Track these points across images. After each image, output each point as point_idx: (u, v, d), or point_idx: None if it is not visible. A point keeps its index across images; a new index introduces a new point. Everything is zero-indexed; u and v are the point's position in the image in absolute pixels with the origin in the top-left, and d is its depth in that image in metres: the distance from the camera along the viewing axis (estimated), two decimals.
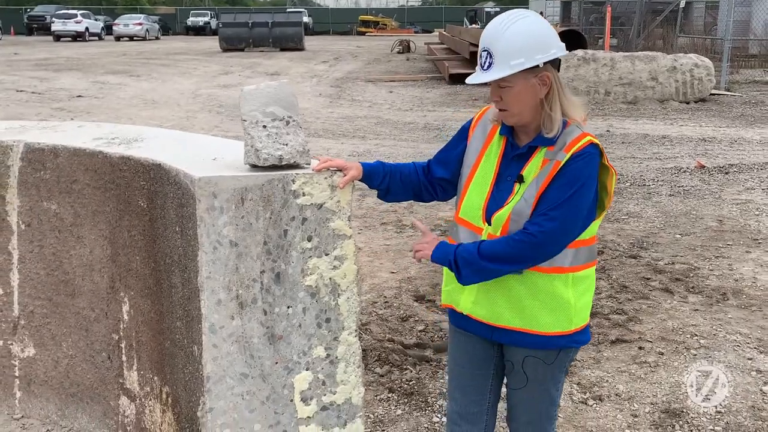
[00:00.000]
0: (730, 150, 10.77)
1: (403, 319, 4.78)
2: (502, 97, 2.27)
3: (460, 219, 2.45)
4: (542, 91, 2.26)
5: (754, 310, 4.95)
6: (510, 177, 2.34)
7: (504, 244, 2.27)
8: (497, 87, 2.27)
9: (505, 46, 2.22)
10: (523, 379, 2.45)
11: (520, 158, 2.34)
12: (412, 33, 53.87)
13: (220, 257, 2.38)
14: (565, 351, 2.42)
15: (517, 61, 2.21)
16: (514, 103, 2.27)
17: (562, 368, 2.47)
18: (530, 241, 2.23)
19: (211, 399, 2.45)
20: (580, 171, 2.24)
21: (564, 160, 2.24)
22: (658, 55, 16.21)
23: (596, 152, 2.26)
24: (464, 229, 2.43)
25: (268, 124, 2.42)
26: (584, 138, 2.26)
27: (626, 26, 29.92)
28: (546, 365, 2.42)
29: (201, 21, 56.46)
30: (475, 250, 2.29)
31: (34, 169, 3.23)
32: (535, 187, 2.27)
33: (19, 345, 3.46)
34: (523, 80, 2.24)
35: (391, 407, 3.69)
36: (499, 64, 2.23)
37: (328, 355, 2.54)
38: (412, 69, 24.57)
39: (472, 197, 2.41)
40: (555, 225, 2.22)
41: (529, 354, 2.41)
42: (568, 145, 2.26)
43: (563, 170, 2.24)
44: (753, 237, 6.58)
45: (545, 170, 2.27)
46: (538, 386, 2.46)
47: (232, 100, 16.62)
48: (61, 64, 25.18)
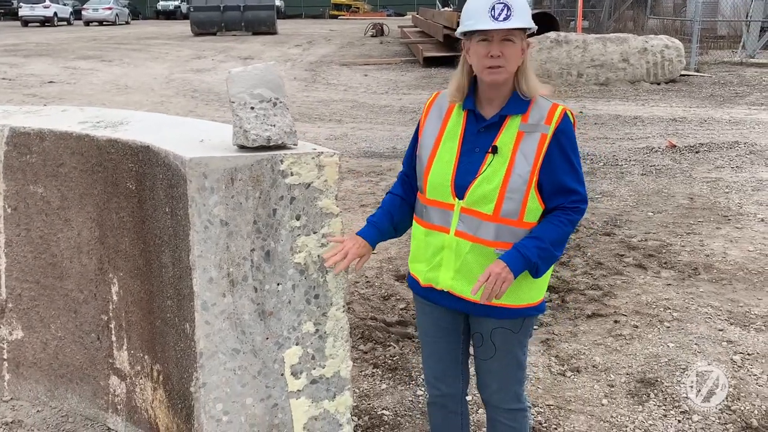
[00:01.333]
0: (700, 130, 10.97)
1: (385, 297, 4.87)
2: (503, 52, 2.31)
3: (428, 200, 2.48)
4: (522, 57, 2.37)
5: (725, 284, 5.11)
6: (479, 149, 2.40)
7: (560, 227, 2.37)
8: (500, 41, 2.31)
9: (521, 3, 2.32)
10: (491, 350, 2.55)
11: (490, 129, 2.40)
12: (385, 16, 53.72)
13: (211, 236, 2.44)
14: (529, 318, 2.54)
15: (529, 19, 2.34)
16: (512, 59, 2.33)
17: (527, 333, 2.57)
18: (577, 218, 2.40)
19: (204, 374, 2.52)
20: (572, 137, 2.38)
21: (550, 132, 2.34)
22: (629, 36, 16.40)
23: (571, 122, 2.40)
24: (434, 209, 2.47)
25: (255, 105, 2.48)
26: (558, 108, 2.38)
27: (597, 8, 30.09)
28: (513, 334, 2.52)
29: (171, 5, 55.83)
30: (546, 244, 2.35)
31: (20, 153, 3.25)
32: (526, 162, 2.34)
33: (7, 328, 3.49)
34: (521, 39, 2.34)
35: (376, 382, 3.78)
36: (519, 16, 2.30)
37: (317, 330, 2.61)
38: (386, 52, 24.57)
39: (437, 175, 2.44)
40: (583, 191, 2.42)
41: (498, 325, 2.50)
42: (547, 116, 2.36)
43: (557, 143, 2.35)
44: (723, 214, 6.75)
45: (530, 144, 2.34)
46: (506, 354, 2.55)
47: (205, 84, 16.55)
48: (31, 49, 24.82)
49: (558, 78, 15.71)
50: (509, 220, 2.37)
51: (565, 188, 2.38)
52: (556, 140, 2.35)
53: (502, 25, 2.28)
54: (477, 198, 2.37)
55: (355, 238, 2.52)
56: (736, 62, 19.55)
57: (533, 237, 2.36)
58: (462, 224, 2.41)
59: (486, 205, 2.36)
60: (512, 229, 2.37)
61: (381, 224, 2.59)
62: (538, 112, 2.37)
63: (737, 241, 5.99)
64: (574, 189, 2.38)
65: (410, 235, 2.62)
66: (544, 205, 2.40)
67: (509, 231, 2.38)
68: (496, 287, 2.30)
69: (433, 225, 2.48)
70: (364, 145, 10.14)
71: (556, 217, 2.38)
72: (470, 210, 2.39)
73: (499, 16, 2.29)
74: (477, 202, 2.37)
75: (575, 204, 2.39)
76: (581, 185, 2.41)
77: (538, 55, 15.71)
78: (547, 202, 2.39)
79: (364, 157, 9.36)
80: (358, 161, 9.03)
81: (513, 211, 2.36)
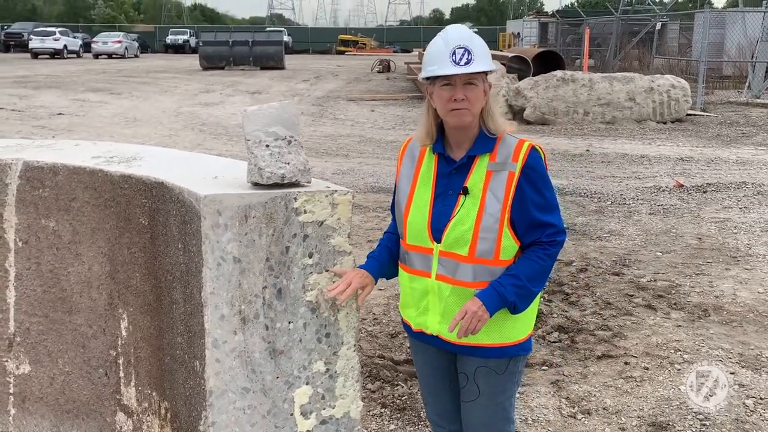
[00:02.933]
0: (707, 169, 10.98)
1: (393, 335, 4.84)
2: (466, 96, 2.36)
3: (409, 245, 2.52)
4: (485, 97, 2.42)
5: (735, 326, 5.07)
6: (451, 191, 2.43)
7: (537, 262, 2.38)
8: (463, 85, 2.36)
9: (480, 47, 2.37)
10: (475, 391, 2.53)
11: (460, 170, 2.44)
12: (391, 52, 54.27)
13: (223, 273, 2.43)
14: (514, 360, 2.51)
15: (490, 61, 2.39)
16: (476, 102, 2.38)
17: (513, 379, 2.54)
18: (555, 250, 2.39)
19: (213, 413, 2.49)
20: (541, 171, 2.41)
21: (517, 170, 2.37)
22: (635, 76, 16.49)
23: (538, 155, 2.42)
24: (415, 254, 2.51)
25: (270, 143, 2.49)
26: (524, 144, 2.41)
27: (602, 47, 30.37)
28: (497, 375, 2.50)
29: (180, 39, 56.55)
30: (523, 281, 2.35)
31: (33, 187, 3.25)
32: (497, 201, 2.37)
33: (14, 362, 3.47)
34: (483, 81, 2.39)
35: (384, 422, 3.74)
36: (480, 59, 2.35)
37: (327, 369, 2.59)
38: (392, 88, 24.75)
39: (414, 220, 2.49)
40: (558, 223, 2.41)
41: (481, 364, 2.49)
42: (514, 154, 2.39)
43: (527, 179, 2.37)
44: (732, 255, 6.72)
45: (499, 182, 2.38)
46: (491, 400, 2.52)
47: (213, 118, 16.66)
48: (40, 81, 25.08)
49: (564, 116, 15.78)
50: (485, 260, 2.39)
51: (539, 222, 2.39)
52: (525, 176, 2.38)
53: (463, 69, 2.34)
54: (452, 240, 2.40)
55: (357, 270, 2.53)
56: (741, 102, 19.64)
57: (510, 275, 2.38)
58: (441, 267, 2.45)
59: (462, 247, 2.39)
60: (489, 268, 2.40)
61: (381, 257, 2.62)
62: (505, 149, 2.40)
63: (747, 282, 5.96)
64: (548, 222, 2.40)
65: None
66: (520, 241, 2.41)
67: (486, 270, 2.40)
68: (471, 325, 2.33)
69: (415, 270, 2.53)
70: (371, 180, 10.16)
71: (534, 253, 2.39)
72: (447, 252, 2.42)
73: (460, 61, 2.34)
74: (453, 245, 2.40)
75: (551, 237, 2.40)
76: (556, 217, 2.43)
77: (545, 93, 15.80)
78: (523, 238, 2.41)
79: (371, 192, 9.37)
80: (365, 196, 9.05)
81: (488, 250, 2.38)
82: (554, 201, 2.45)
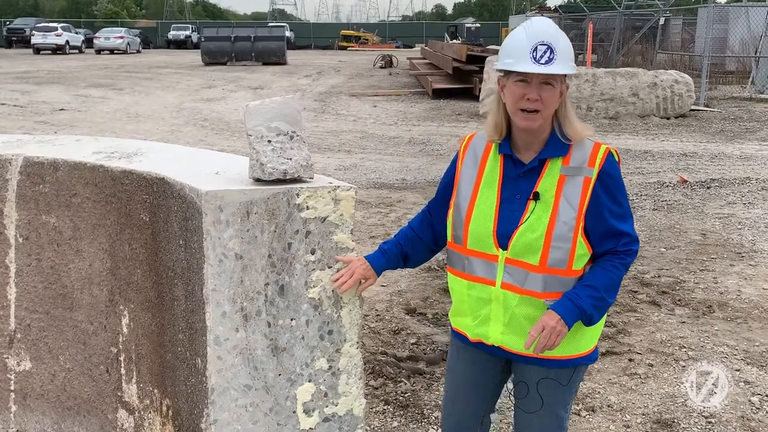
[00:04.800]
0: (711, 165, 10.93)
1: (395, 332, 4.81)
2: (541, 96, 2.20)
3: (470, 251, 2.36)
4: (559, 101, 2.27)
5: (740, 323, 5.03)
6: (519, 195, 2.29)
7: (613, 272, 2.26)
8: (539, 85, 2.20)
9: (565, 46, 2.22)
10: (538, 401, 2.40)
11: (530, 174, 2.29)
12: (394, 48, 54.15)
13: (225, 270, 2.40)
14: (578, 369, 2.40)
15: (573, 64, 2.25)
16: (550, 104, 2.22)
17: (573, 388, 2.43)
18: (630, 260, 2.28)
19: (215, 411, 2.47)
20: (617, 178, 2.27)
21: (594, 175, 2.23)
22: (639, 71, 16.44)
23: (614, 160, 2.29)
24: (478, 260, 2.35)
25: (272, 138, 2.46)
26: (601, 148, 2.26)
27: (605, 42, 30.28)
28: (561, 386, 2.38)
29: (182, 34, 56.49)
30: (600, 292, 2.23)
31: (33, 182, 3.23)
32: (571, 208, 2.22)
33: (15, 359, 3.45)
34: (560, 83, 2.24)
35: (387, 419, 3.71)
36: (563, 61, 2.19)
37: (330, 366, 2.56)
38: (395, 84, 24.70)
39: (479, 225, 2.33)
40: (633, 232, 2.29)
41: (546, 375, 2.36)
42: (590, 158, 2.24)
43: (602, 186, 2.24)
44: (736, 251, 6.69)
45: (574, 188, 2.23)
46: (551, 411, 2.41)
47: (215, 113, 16.63)
48: (43, 77, 25.06)
49: None
50: (558, 270, 2.25)
51: (615, 231, 2.26)
52: (601, 183, 2.23)
53: (543, 69, 2.17)
54: (521, 248, 2.26)
55: (361, 260, 2.47)
56: (745, 97, 19.57)
57: (586, 285, 2.24)
58: (508, 276, 2.29)
59: (532, 255, 2.24)
60: (561, 278, 2.26)
61: (390, 253, 2.54)
62: (581, 153, 2.25)
63: (751, 278, 5.93)
64: (624, 231, 2.26)
65: (421, 269, 2.58)
66: (593, 250, 2.27)
67: (558, 281, 2.26)
68: (551, 341, 2.20)
69: (476, 277, 2.37)
70: (374, 176, 10.13)
71: (609, 262, 2.26)
72: (516, 261, 2.27)
73: (541, 59, 2.17)
74: (522, 253, 2.26)
75: (627, 246, 2.27)
76: (630, 226, 2.30)
77: None
78: (597, 246, 2.27)
79: (373, 188, 9.35)
80: (368, 192, 9.02)
81: (561, 260, 2.24)
82: (629, 209, 2.31)
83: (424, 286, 5.54)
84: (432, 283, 5.42)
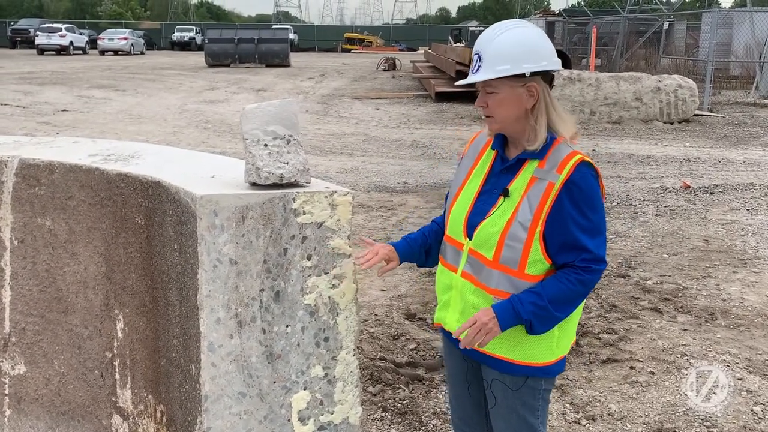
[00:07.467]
0: (714, 170, 10.88)
1: (395, 337, 4.77)
2: (488, 103, 2.28)
3: (447, 236, 2.45)
4: (528, 102, 2.25)
5: (743, 330, 4.99)
6: (496, 190, 2.33)
7: (566, 285, 2.20)
8: (484, 92, 2.28)
9: (493, 51, 2.22)
10: (492, 400, 2.45)
11: (509, 171, 2.32)
12: (397, 51, 54.18)
13: (219, 275, 2.37)
14: (534, 379, 2.35)
15: (503, 67, 2.21)
16: (497, 110, 2.27)
17: (537, 396, 2.38)
18: (588, 278, 2.21)
19: (208, 418, 2.43)
20: (587, 189, 2.21)
21: (558, 182, 2.19)
22: (642, 75, 16.39)
23: (588, 171, 2.23)
24: (450, 247, 2.42)
25: (269, 142, 2.43)
26: (574, 157, 2.22)
27: (609, 46, 30.23)
28: (512, 391, 2.37)
29: (186, 36, 56.60)
30: (544, 301, 2.18)
31: (29, 185, 3.20)
32: (529, 210, 2.21)
33: (10, 362, 3.41)
34: (509, 87, 2.24)
35: (385, 426, 3.67)
36: (486, 67, 2.23)
37: (326, 374, 2.53)
38: (398, 86, 24.68)
39: (456, 213, 2.41)
40: (597, 251, 2.22)
41: (496, 377, 2.39)
42: (560, 164, 2.21)
43: (568, 194, 2.19)
44: (739, 257, 6.64)
45: (536, 191, 2.22)
46: (510, 412, 2.40)
47: (218, 115, 16.61)
48: (46, 77, 25.07)
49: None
50: (508, 269, 2.25)
51: (574, 244, 2.20)
52: (567, 191, 2.19)
53: (468, 80, 2.28)
54: (481, 240, 2.30)
55: (385, 244, 2.49)
56: (749, 103, 19.50)
57: (533, 292, 2.21)
58: (469, 266, 2.35)
59: (488, 249, 2.28)
60: (511, 279, 2.25)
61: (413, 242, 2.54)
62: (554, 158, 2.23)
63: (754, 285, 5.88)
64: (584, 246, 2.19)
65: (422, 273, 2.57)
66: (552, 260, 2.24)
67: (508, 280, 2.25)
68: (478, 336, 2.21)
69: (447, 263, 2.46)
70: (375, 179, 10.09)
71: (564, 274, 2.21)
72: (476, 252, 2.32)
73: (474, 68, 2.27)
74: (480, 245, 2.30)
75: (586, 263, 2.20)
76: (596, 244, 2.21)
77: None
78: (555, 257, 2.23)
79: (375, 191, 9.31)
80: (369, 195, 8.98)
81: (512, 259, 2.23)
82: (599, 225, 2.23)
83: (425, 290, 5.50)
84: (432, 288, 5.37)
